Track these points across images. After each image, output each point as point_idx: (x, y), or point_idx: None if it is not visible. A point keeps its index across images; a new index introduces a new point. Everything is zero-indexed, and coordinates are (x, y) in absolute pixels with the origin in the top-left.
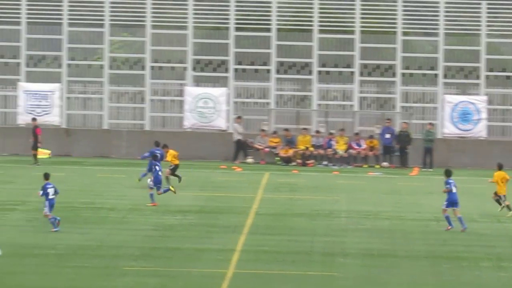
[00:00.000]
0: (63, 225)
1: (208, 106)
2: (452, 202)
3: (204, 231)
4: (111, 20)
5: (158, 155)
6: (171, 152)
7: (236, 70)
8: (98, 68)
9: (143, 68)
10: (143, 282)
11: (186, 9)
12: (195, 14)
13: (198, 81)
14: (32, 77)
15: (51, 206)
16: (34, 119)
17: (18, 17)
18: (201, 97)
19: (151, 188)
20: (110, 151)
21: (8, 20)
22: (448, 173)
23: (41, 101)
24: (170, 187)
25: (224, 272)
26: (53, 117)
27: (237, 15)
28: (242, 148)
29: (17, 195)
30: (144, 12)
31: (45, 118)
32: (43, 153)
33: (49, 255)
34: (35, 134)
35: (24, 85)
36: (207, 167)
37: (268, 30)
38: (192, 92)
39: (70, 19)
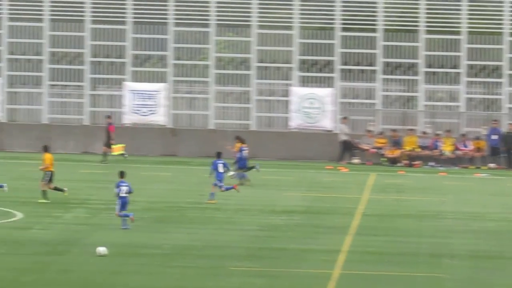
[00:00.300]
0: (169, 225)
1: (314, 106)
2: None
3: (310, 231)
4: (217, 20)
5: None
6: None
7: (342, 70)
8: (203, 68)
9: (248, 68)
10: (249, 282)
11: (291, 9)
12: (301, 14)
13: (304, 82)
14: (137, 77)
15: (123, 204)
16: (108, 117)
17: (124, 17)
18: (307, 97)
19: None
20: (216, 150)
21: (114, 20)
22: None
23: (147, 101)
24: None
25: (330, 273)
26: (159, 117)
27: (343, 15)
28: (348, 148)
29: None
30: (250, 12)
31: (151, 118)
32: (118, 148)
33: (155, 255)
34: (108, 131)
35: (130, 85)
36: (313, 168)
37: (374, 30)
38: (298, 92)
39: (176, 19)
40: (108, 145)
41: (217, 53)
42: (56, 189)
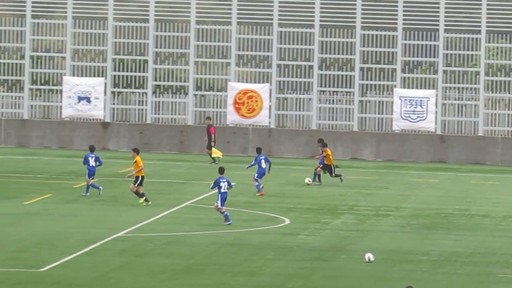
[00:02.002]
0: (436, 232)
1: None
2: None
3: None
4: (488, 26)
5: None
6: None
7: None
8: (474, 74)
9: None
10: None
11: None
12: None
13: None
14: (407, 83)
15: (223, 200)
16: (208, 118)
17: (396, 23)
18: None
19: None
20: (485, 157)
21: (385, 26)
22: None
23: (416, 107)
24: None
25: None
26: (428, 123)
27: None
28: None
29: (391, 201)
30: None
31: (420, 125)
32: (216, 153)
33: (422, 261)
34: (209, 133)
35: (400, 91)
36: None
37: None
38: None
39: (446, 25)
40: (210, 147)
41: (488, 60)
42: (137, 193)
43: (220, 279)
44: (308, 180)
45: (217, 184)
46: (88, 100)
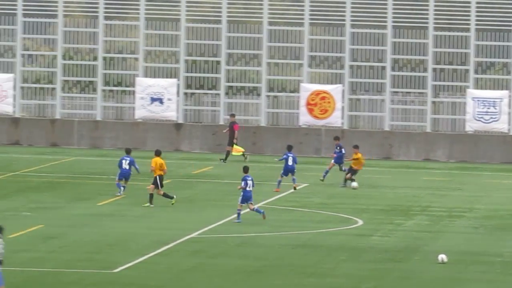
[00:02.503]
0: (510, 233)
1: None
2: None
3: None
4: None
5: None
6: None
7: None
8: None
9: None
10: None
11: None
12: None
13: None
14: (480, 84)
15: (247, 198)
16: (232, 115)
17: (468, 24)
18: None
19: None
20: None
21: (457, 27)
22: None
23: (490, 108)
24: None
25: None
26: (501, 124)
27: None
28: None
29: (465, 202)
30: None
31: (493, 126)
32: (237, 150)
33: (495, 262)
34: (232, 130)
35: (473, 92)
36: None
37: None
38: None
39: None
40: (231, 144)
41: None
42: (165, 195)
43: (293, 280)
44: (354, 184)
45: (245, 182)
46: (161, 101)
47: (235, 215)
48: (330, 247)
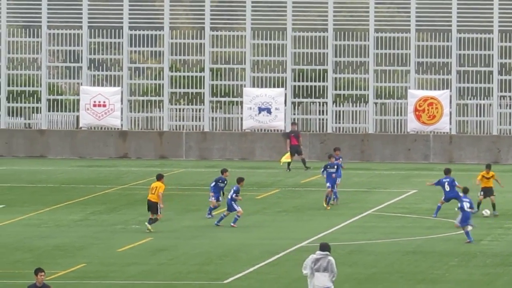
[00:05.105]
0: None
1: None
2: None
3: None
4: None
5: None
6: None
7: None
8: None
9: None
10: None
11: None
12: None
13: None
14: None
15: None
16: (293, 123)
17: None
18: None
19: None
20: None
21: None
22: None
23: None
24: None
25: None
26: None
27: None
28: None
29: None
30: None
31: None
32: (286, 157)
33: None
34: (298, 138)
35: None
36: None
37: None
38: None
39: None
40: (298, 151)
41: None
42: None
43: (404, 287)
44: (485, 211)
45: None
46: (269, 111)
47: (344, 224)
48: (440, 252)
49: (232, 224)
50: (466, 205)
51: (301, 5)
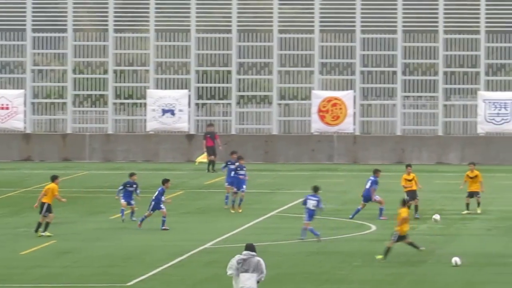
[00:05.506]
0: None
1: None
2: None
3: None
4: None
5: None
6: None
7: None
8: None
9: None
10: None
11: None
12: None
13: None
14: (491, 86)
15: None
16: (210, 125)
17: (478, 26)
18: None
19: None
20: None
21: (467, 29)
22: None
23: (501, 110)
24: None
25: None
26: None
27: None
28: None
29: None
30: None
31: (505, 127)
32: (202, 157)
33: (509, 264)
34: (215, 140)
35: (484, 94)
36: None
37: None
38: None
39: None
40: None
41: None
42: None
43: (308, 287)
44: (436, 216)
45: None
46: (173, 112)
47: (249, 225)
48: (344, 253)
49: (162, 227)
50: (311, 203)
51: (205, 6)
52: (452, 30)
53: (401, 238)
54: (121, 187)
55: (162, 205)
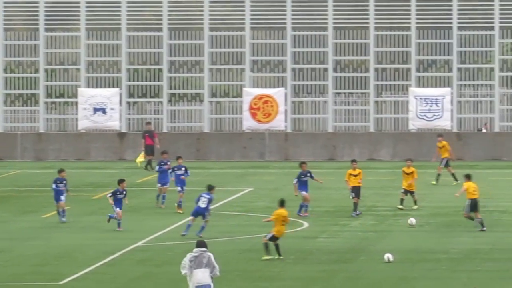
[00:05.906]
0: (455, 230)
1: None
2: None
3: None
4: (501, 22)
5: None
6: None
7: None
8: (489, 71)
9: None
10: None
11: None
12: None
13: None
14: (422, 82)
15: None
16: (148, 123)
17: (408, 22)
18: None
19: None
20: (502, 154)
21: (398, 26)
22: None
23: (432, 106)
24: None
25: None
26: (444, 122)
27: None
28: None
29: (409, 201)
30: None
31: (436, 123)
32: (141, 157)
33: (441, 259)
34: (154, 138)
35: (415, 90)
36: None
37: None
38: None
39: (459, 22)
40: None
41: (502, 56)
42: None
43: (241, 285)
44: (411, 220)
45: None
46: (104, 111)
47: (180, 223)
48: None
49: (118, 228)
50: (202, 200)
51: (136, 4)
52: (383, 26)
53: (274, 238)
54: (53, 185)
55: (113, 207)
